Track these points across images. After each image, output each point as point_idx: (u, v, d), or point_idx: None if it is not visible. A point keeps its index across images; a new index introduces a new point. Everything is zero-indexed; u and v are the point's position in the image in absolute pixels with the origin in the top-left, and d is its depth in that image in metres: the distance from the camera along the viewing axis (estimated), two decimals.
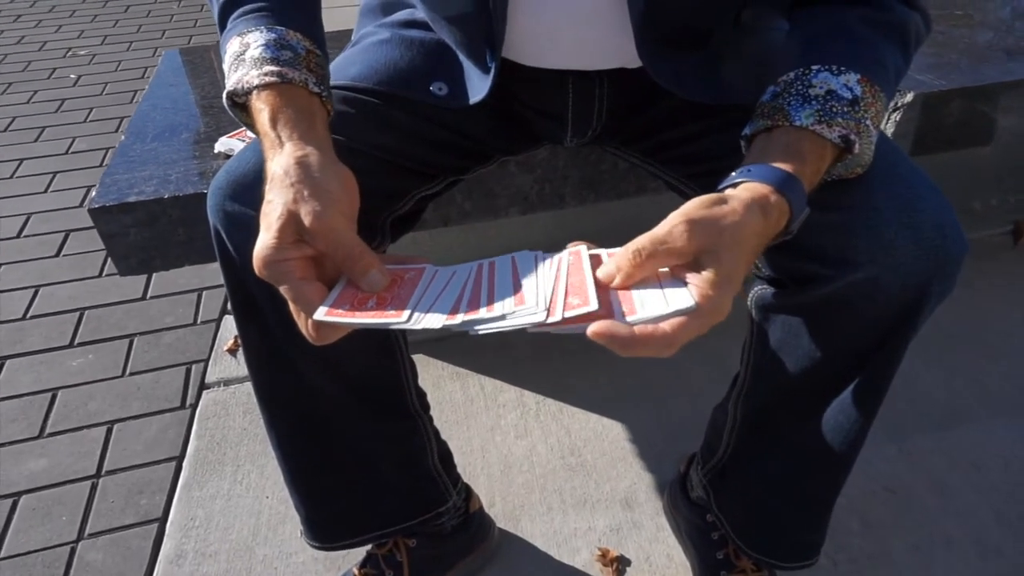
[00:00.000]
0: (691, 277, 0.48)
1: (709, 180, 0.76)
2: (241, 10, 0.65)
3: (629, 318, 0.47)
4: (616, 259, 0.50)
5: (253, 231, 0.54)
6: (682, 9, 0.66)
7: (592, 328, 0.46)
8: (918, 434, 1.20)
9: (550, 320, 0.47)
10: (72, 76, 2.90)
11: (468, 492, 1.00)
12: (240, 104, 0.63)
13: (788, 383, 0.73)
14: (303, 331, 0.54)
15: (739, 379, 0.83)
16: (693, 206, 0.50)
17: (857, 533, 1.06)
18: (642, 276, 0.49)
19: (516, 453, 1.20)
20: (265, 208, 0.54)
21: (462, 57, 0.76)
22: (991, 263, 1.55)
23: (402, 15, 0.81)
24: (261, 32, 0.62)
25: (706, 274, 0.48)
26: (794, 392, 0.74)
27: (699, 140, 0.77)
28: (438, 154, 0.79)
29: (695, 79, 0.73)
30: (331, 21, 1.49)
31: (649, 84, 0.72)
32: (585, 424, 1.25)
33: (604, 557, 1.03)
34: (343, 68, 0.78)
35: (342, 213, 0.54)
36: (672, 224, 0.49)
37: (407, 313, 0.51)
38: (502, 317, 0.49)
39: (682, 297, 0.47)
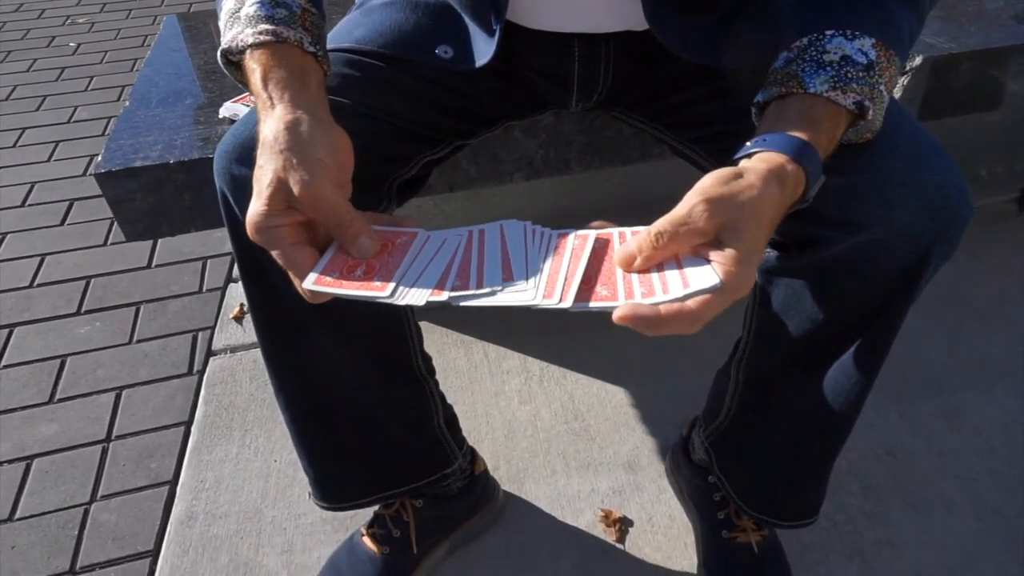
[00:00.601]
0: (714, 255, 0.48)
1: (715, 144, 0.76)
2: None
3: (653, 299, 0.47)
4: (637, 241, 0.49)
5: None
6: None
7: (618, 313, 0.46)
8: (919, 399, 1.21)
9: (571, 307, 0.48)
10: (72, 44, 2.87)
11: (473, 455, 1.02)
12: (235, 63, 0.63)
13: (790, 346, 0.74)
14: (299, 291, 0.55)
15: (741, 343, 0.83)
16: (710, 183, 0.50)
17: (857, 494, 1.07)
18: (663, 258, 0.49)
19: (520, 418, 1.22)
20: (256, 173, 0.54)
21: (467, 19, 0.76)
22: (995, 230, 1.54)
23: None
24: None
25: (729, 251, 0.48)
26: (796, 354, 0.74)
27: (705, 103, 0.76)
28: (443, 117, 0.79)
29: (702, 42, 0.72)
30: None
31: (655, 47, 0.72)
32: (588, 390, 1.26)
33: (607, 518, 1.05)
34: (348, 31, 0.78)
35: (331, 180, 0.54)
36: (691, 204, 0.48)
37: (391, 287, 0.51)
38: (491, 293, 0.50)
39: (707, 276, 0.47)
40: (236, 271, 1.58)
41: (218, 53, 0.62)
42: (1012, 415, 1.17)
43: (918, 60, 1.06)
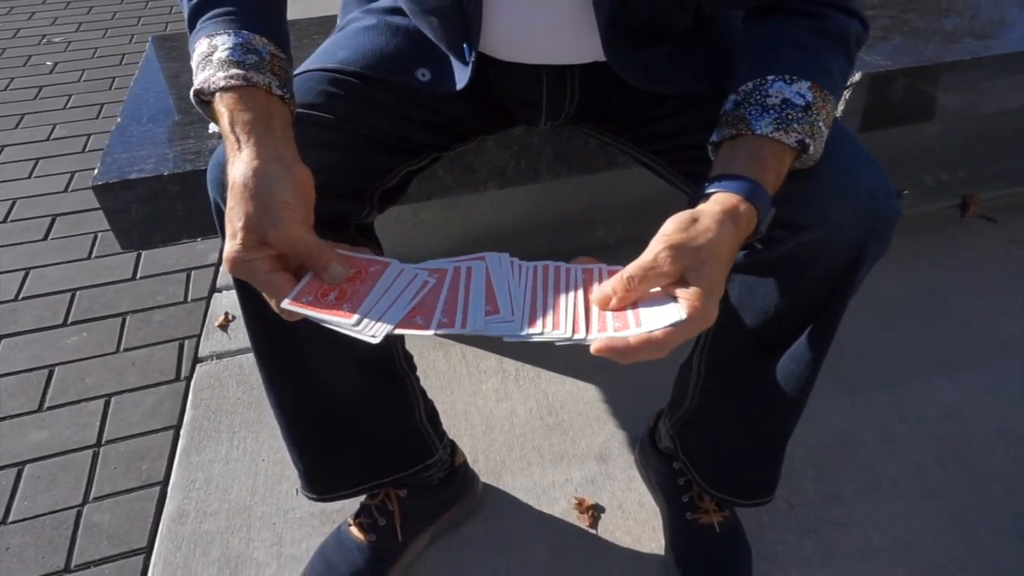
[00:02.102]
0: (680, 292, 0.57)
1: (675, 155, 0.85)
2: (211, 13, 0.68)
3: (625, 333, 0.55)
4: (612, 284, 0.57)
5: None
6: (646, 9, 0.73)
7: (595, 345, 0.54)
8: (869, 390, 1.30)
9: (585, 340, 0.55)
10: (48, 63, 2.90)
11: (453, 447, 1.08)
12: (206, 102, 0.66)
13: (746, 336, 0.81)
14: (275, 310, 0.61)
15: (702, 336, 0.91)
16: (671, 229, 0.58)
17: (812, 479, 1.15)
18: (635, 298, 0.57)
19: (497, 415, 1.28)
20: (229, 214, 0.59)
21: (443, 49, 0.83)
22: (939, 234, 1.65)
23: (387, 2, 0.87)
24: (229, 36, 0.65)
25: (693, 289, 0.56)
26: (751, 344, 0.82)
27: (663, 120, 0.84)
28: (422, 133, 0.85)
29: (660, 73, 0.79)
30: (314, 7, 1.54)
31: (617, 74, 0.79)
32: (562, 387, 1.33)
33: (580, 505, 1.12)
34: (332, 52, 0.84)
35: (298, 220, 0.59)
36: (656, 251, 0.56)
37: (356, 317, 0.57)
38: (477, 329, 0.55)
39: (672, 312, 0.55)
40: (220, 281, 1.64)
41: (191, 92, 0.65)
42: (954, 404, 1.27)
43: (857, 76, 1.16)
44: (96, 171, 0.97)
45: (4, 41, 3.16)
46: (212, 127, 1.05)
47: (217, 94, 0.62)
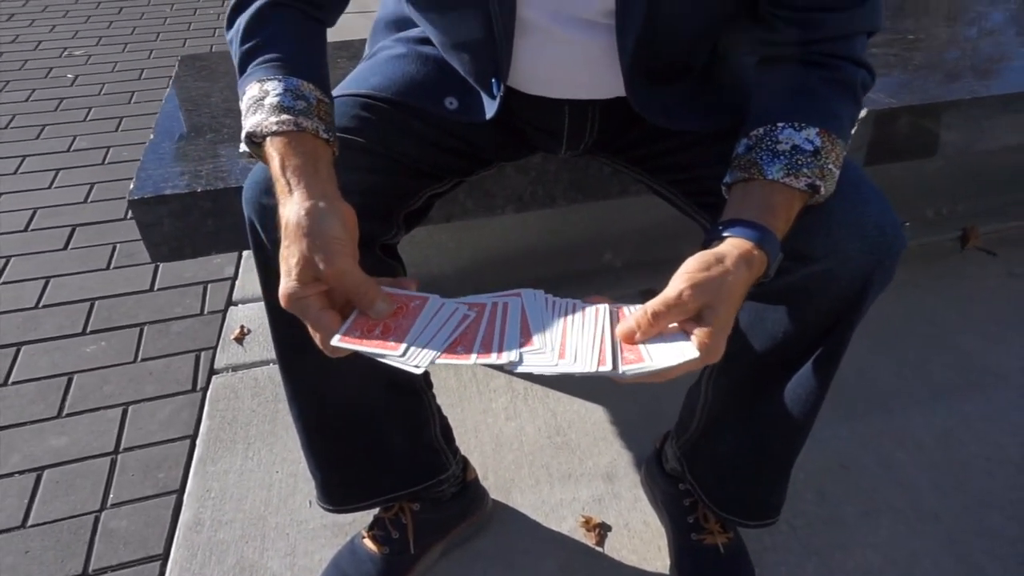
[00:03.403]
0: (694, 328, 0.61)
1: (689, 187, 0.89)
2: (262, 58, 0.73)
3: (641, 366, 0.59)
4: (635, 318, 0.62)
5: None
6: (668, 51, 0.77)
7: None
8: (868, 416, 1.33)
9: (609, 373, 0.59)
10: (69, 76, 2.96)
11: (465, 463, 1.11)
12: (256, 143, 0.71)
13: (755, 362, 0.84)
14: (320, 346, 0.65)
15: None
16: (694, 267, 0.62)
17: (813, 503, 1.18)
18: (657, 332, 0.62)
19: (506, 433, 1.31)
20: (284, 253, 0.64)
21: (472, 82, 0.87)
22: (939, 265, 1.69)
23: (416, 32, 0.91)
24: (279, 81, 0.70)
25: (707, 328, 0.60)
26: (759, 369, 0.85)
27: (680, 152, 0.88)
28: (447, 158, 0.89)
29: (679, 111, 0.84)
30: (339, 32, 1.59)
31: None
32: (570, 407, 1.36)
33: (587, 524, 1.14)
34: (365, 78, 0.88)
35: (348, 255, 0.64)
36: (679, 288, 0.61)
37: (403, 347, 0.61)
38: (513, 362, 0.60)
39: (687, 350, 0.60)
40: (236, 295, 1.67)
41: (242, 135, 0.71)
42: (951, 431, 1.30)
43: (863, 113, 1.20)
44: (132, 185, 1.01)
45: (26, 53, 3.22)
46: (243, 146, 1.09)
47: (268, 138, 0.68)
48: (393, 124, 0.85)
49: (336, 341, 0.63)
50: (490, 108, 0.84)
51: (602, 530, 1.14)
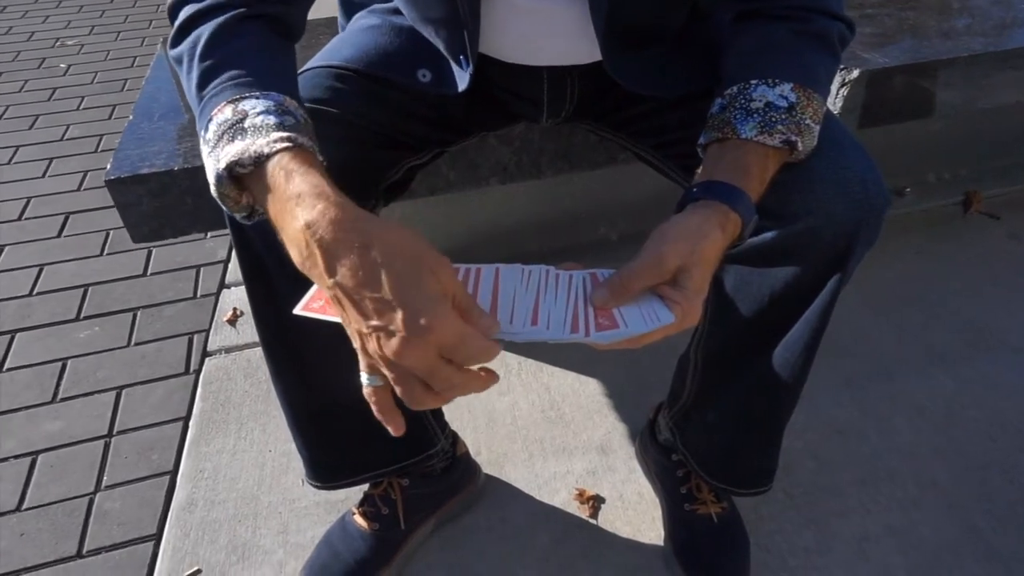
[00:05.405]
0: (668, 293, 0.59)
1: (672, 149, 0.87)
2: (226, 75, 0.61)
3: (616, 332, 0.58)
4: (608, 284, 0.60)
5: None
6: (643, 13, 0.75)
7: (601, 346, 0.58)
8: (868, 382, 1.31)
9: (588, 338, 0.57)
10: (62, 65, 2.95)
11: (455, 438, 1.10)
12: (238, 175, 0.57)
13: (741, 325, 0.83)
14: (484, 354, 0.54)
15: (698, 327, 0.92)
16: (667, 231, 0.61)
17: (811, 470, 1.16)
18: (633, 296, 0.60)
19: (499, 408, 1.30)
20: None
21: (443, 52, 0.84)
22: (941, 230, 1.66)
23: (390, 3, 0.89)
24: (257, 99, 0.59)
25: (681, 291, 0.59)
26: (746, 333, 0.83)
27: (660, 115, 0.86)
28: (424, 128, 0.88)
29: (654, 76, 0.82)
30: (320, 9, 1.56)
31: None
32: (563, 381, 1.35)
33: (581, 496, 1.14)
34: (337, 49, 0.86)
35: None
36: (652, 252, 0.59)
37: None
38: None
39: (663, 314, 0.59)
40: (228, 278, 1.66)
41: (213, 175, 0.57)
42: (951, 396, 1.28)
43: (855, 73, 1.17)
44: (108, 167, 1.00)
45: (19, 44, 3.21)
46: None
47: (271, 158, 0.55)
48: (367, 95, 0.83)
49: (298, 310, 0.61)
50: (462, 81, 0.82)
51: (596, 502, 1.13)
